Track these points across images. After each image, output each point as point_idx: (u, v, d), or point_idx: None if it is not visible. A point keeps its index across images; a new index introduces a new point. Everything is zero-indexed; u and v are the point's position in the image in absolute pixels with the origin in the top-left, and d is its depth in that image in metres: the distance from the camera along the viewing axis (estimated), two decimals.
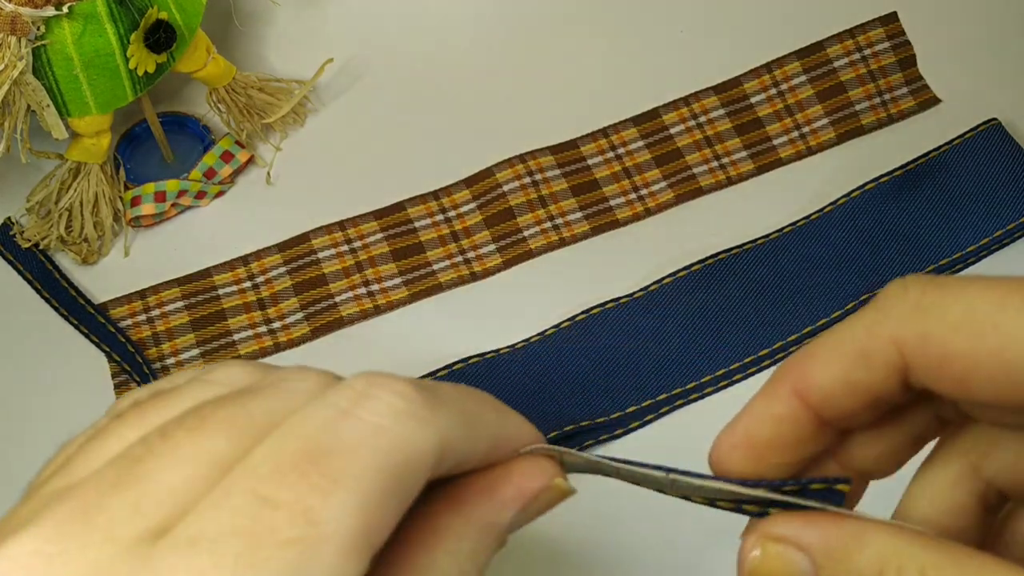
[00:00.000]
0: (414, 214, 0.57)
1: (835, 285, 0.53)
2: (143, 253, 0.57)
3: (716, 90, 0.61)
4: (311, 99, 0.61)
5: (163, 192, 0.56)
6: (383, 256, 0.56)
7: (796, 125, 0.60)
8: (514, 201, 0.57)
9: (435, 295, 0.55)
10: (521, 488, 0.23)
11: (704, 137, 0.59)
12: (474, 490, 0.23)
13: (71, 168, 0.54)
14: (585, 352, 0.52)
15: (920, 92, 0.60)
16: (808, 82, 0.60)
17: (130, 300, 0.55)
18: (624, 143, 0.59)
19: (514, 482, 0.23)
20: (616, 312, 0.53)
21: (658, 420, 0.51)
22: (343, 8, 0.64)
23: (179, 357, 0.53)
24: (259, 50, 0.63)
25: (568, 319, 0.53)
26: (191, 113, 0.60)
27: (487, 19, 0.64)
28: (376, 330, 0.54)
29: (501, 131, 0.59)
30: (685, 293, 0.54)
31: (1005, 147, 0.57)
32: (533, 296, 0.55)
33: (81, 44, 0.48)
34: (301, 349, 0.54)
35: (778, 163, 0.59)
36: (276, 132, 0.60)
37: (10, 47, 0.45)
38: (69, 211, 0.54)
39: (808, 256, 0.54)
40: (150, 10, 0.49)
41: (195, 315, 0.54)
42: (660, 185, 0.58)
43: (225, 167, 0.58)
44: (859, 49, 0.61)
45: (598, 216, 0.57)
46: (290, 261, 0.56)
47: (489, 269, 0.56)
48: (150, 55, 0.50)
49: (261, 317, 0.54)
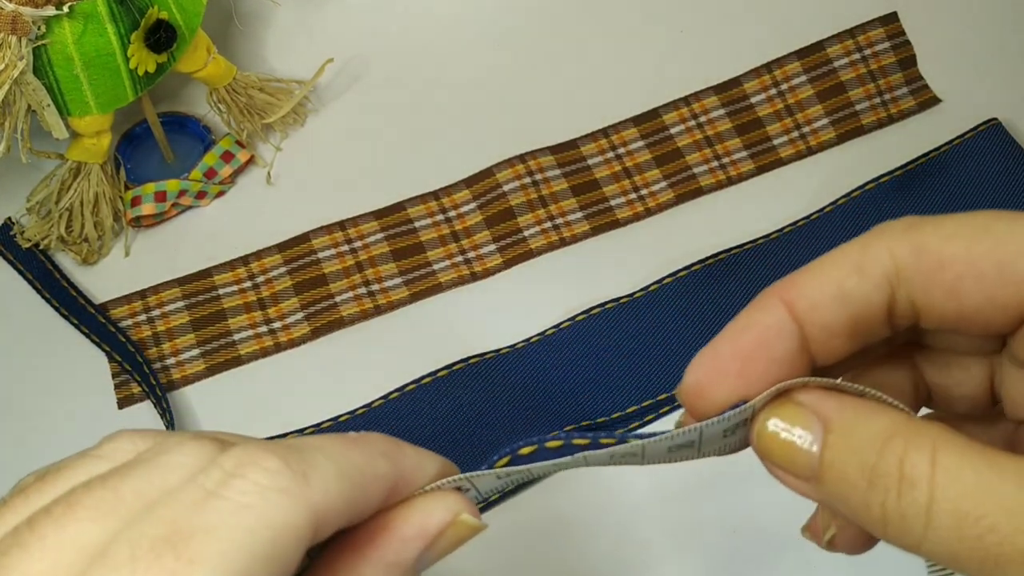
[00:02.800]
0: (414, 214, 0.57)
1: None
2: (143, 253, 0.57)
3: (716, 90, 0.61)
4: (311, 99, 0.61)
5: (163, 192, 0.56)
6: (383, 256, 0.56)
7: (796, 125, 0.60)
8: (514, 201, 0.57)
9: (435, 295, 0.55)
10: (423, 526, 0.23)
11: (704, 137, 0.59)
12: (375, 530, 0.22)
13: (71, 168, 0.54)
14: (585, 352, 0.52)
15: (920, 92, 0.61)
16: (808, 82, 0.60)
17: (130, 300, 0.55)
18: (624, 143, 0.59)
19: (414, 520, 0.23)
20: (616, 312, 0.53)
21: (658, 420, 0.51)
22: (343, 8, 0.64)
23: (179, 357, 0.53)
24: (259, 50, 0.63)
25: (568, 319, 0.53)
26: (191, 113, 0.60)
27: (487, 19, 0.64)
28: (376, 330, 0.54)
29: (501, 131, 0.59)
30: (685, 293, 0.54)
31: (1005, 147, 0.57)
32: (533, 296, 0.55)
33: (82, 44, 0.48)
34: (301, 349, 0.54)
35: (778, 163, 0.59)
36: (276, 132, 0.60)
37: (11, 47, 0.45)
38: (69, 211, 0.54)
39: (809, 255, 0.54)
40: (151, 10, 0.49)
41: (195, 315, 0.54)
42: (660, 185, 0.58)
43: (225, 167, 0.58)
44: (859, 49, 0.61)
45: (598, 216, 0.57)
46: (290, 261, 0.56)
47: (489, 269, 0.56)
48: (151, 55, 0.50)
49: (261, 317, 0.54)
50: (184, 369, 0.53)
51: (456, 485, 0.24)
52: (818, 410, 0.22)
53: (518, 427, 0.50)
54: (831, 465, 0.21)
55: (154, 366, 0.53)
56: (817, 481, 0.21)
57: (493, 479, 0.24)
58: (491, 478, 0.24)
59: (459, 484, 0.24)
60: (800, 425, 0.22)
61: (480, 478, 0.24)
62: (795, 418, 0.22)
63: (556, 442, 0.23)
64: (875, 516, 0.21)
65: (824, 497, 0.22)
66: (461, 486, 0.24)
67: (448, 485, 0.24)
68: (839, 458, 0.21)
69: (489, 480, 0.24)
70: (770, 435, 0.22)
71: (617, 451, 0.23)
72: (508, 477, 0.24)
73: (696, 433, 0.23)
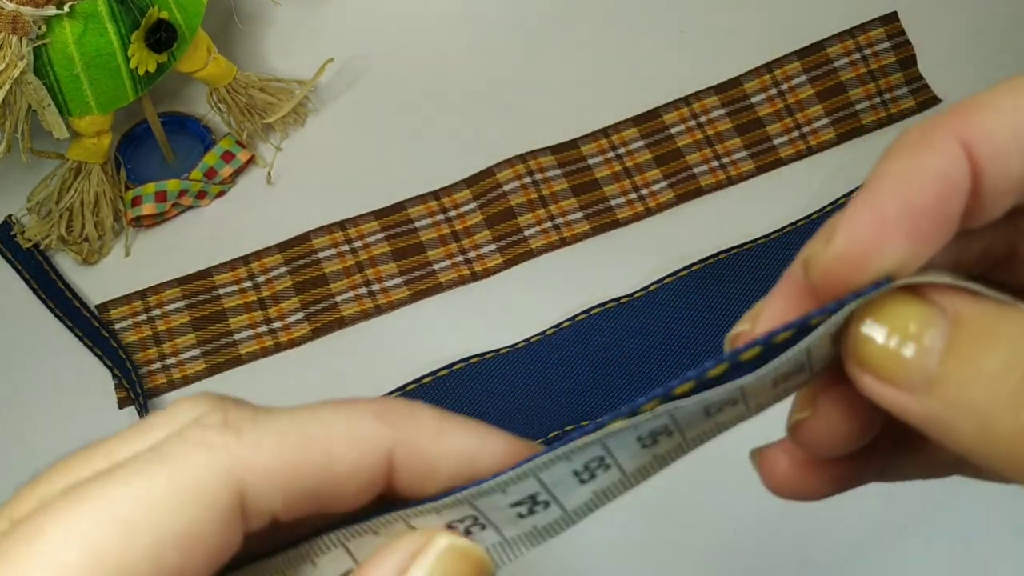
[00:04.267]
0: (415, 214, 0.57)
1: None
2: (144, 253, 0.57)
3: (716, 90, 0.61)
4: (311, 99, 0.61)
5: (164, 192, 0.56)
6: (384, 256, 0.56)
7: (796, 125, 0.60)
8: (515, 201, 0.57)
9: (436, 295, 0.55)
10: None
11: (704, 137, 0.59)
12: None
13: (72, 168, 0.54)
14: (585, 352, 0.52)
15: (920, 92, 0.61)
16: (808, 82, 0.60)
17: (131, 300, 0.55)
18: (624, 143, 0.59)
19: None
20: (616, 312, 0.53)
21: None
22: (343, 8, 0.64)
23: (180, 357, 0.53)
24: (260, 50, 0.63)
25: (568, 319, 0.53)
26: (192, 113, 0.60)
27: (487, 19, 0.64)
28: (377, 330, 0.54)
29: (501, 131, 0.59)
30: (685, 293, 0.54)
31: None
32: (533, 296, 0.55)
33: (82, 44, 0.48)
34: (301, 349, 0.54)
35: (778, 163, 0.59)
36: (277, 132, 0.60)
37: (11, 46, 0.45)
38: (70, 211, 0.54)
39: None
40: (151, 10, 0.49)
41: (196, 315, 0.54)
42: (660, 185, 0.58)
43: (226, 167, 0.58)
44: (859, 49, 0.61)
45: (598, 216, 0.57)
46: (291, 261, 0.56)
47: (489, 269, 0.56)
48: (151, 55, 0.50)
49: (262, 317, 0.54)
50: (184, 369, 0.53)
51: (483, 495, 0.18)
52: (943, 305, 0.17)
53: (518, 427, 0.50)
54: (956, 368, 0.17)
55: (154, 366, 0.53)
56: (928, 391, 0.17)
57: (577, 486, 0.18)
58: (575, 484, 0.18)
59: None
60: (915, 321, 0.17)
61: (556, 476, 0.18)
62: (910, 313, 0.17)
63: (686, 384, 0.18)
64: (1012, 429, 0.16)
65: (931, 412, 0.17)
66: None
67: (463, 496, 0.18)
68: (968, 361, 0.17)
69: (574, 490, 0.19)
70: (865, 336, 0.18)
71: (710, 400, 0.18)
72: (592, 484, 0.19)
73: (814, 340, 0.18)
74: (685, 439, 0.19)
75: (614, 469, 0.19)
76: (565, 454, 0.18)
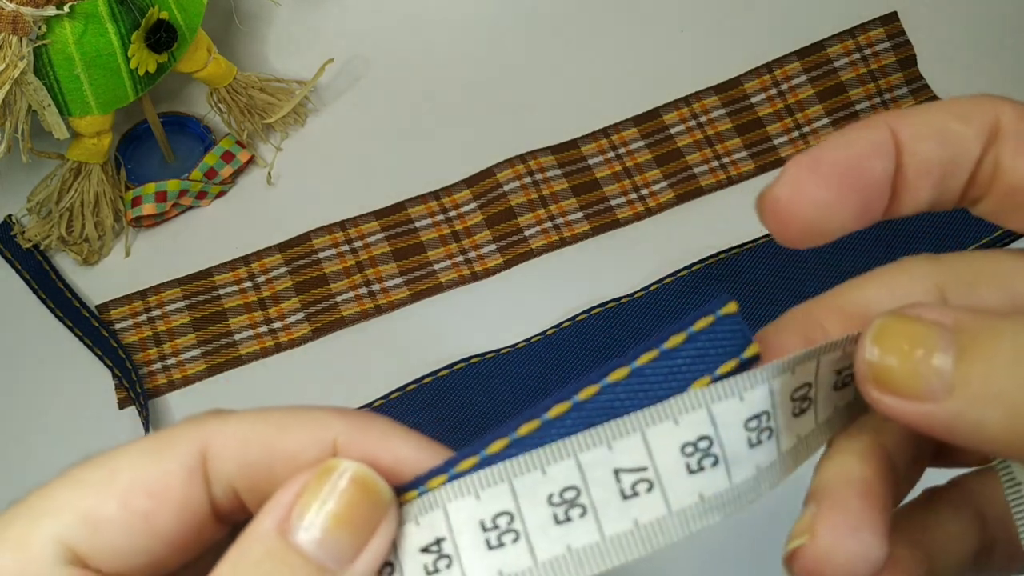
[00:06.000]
0: (415, 214, 0.57)
1: (837, 284, 0.53)
2: (144, 253, 0.57)
3: (716, 90, 0.61)
4: (311, 99, 0.61)
5: (164, 192, 0.56)
6: (384, 256, 0.56)
7: (797, 125, 0.60)
8: (515, 201, 0.57)
9: (436, 295, 0.55)
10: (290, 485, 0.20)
11: (704, 137, 0.59)
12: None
13: (72, 168, 0.54)
14: (585, 352, 0.52)
15: (920, 92, 0.61)
16: (808, 82, 0.60)
17: (131, 300, 0.55)
18: (624, 143, 0.59)
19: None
20: (616, 312, 0.53)
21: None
22: (343, 8, 0.64)
23: (180, 357, 0.53)
24: (260, 50, 0.63)
25: (568, 319, 0.53)
26: (192, 113, 0.60)
27: (487, 19, 0.64)
28: (377, 330, 0.54)
29: (501, 131, 0.59)
30: (685, 293, 0.54)
31: None
32: (533, 296, 0.55)
33: (82, 44, 0.48)
34: (302, 349, 0.54)
35: (779, 163, 0.59)
36: (277, 132, 0.60)
37: (11, 47, 0.45)
38: (70, 211, 0.54)
39: (810, 255, 0.54)
40: (151, 10, 0.49)
41: (196, 315, 0.54)
42: (660, 185, 0.58)
43: (226, 167, 0.58)
44: (859, 49, 0.61)
45: (598, 216, 0.57)
46: (291, 261, 0.56)
47: (490, 269, 0.56)
48: (151, 55, 0.50)
49: (262, 317, 0.54)
50: (185, 369, 0.53)
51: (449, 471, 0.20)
52: (940, 320, 0.19)
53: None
54: (972, 366, 0.18)
55: (154, 366, 0.53)
56: (948, 394, 0.18)
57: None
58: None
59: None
60: (922, 336, 0.19)
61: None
62: (913, 331, 0.19)
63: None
64: None
65: (955, 412, 0.18)
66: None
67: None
68: (981, 356, 0.18)
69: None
70: (878, 361, 0.19)
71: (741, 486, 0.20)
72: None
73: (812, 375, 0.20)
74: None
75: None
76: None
